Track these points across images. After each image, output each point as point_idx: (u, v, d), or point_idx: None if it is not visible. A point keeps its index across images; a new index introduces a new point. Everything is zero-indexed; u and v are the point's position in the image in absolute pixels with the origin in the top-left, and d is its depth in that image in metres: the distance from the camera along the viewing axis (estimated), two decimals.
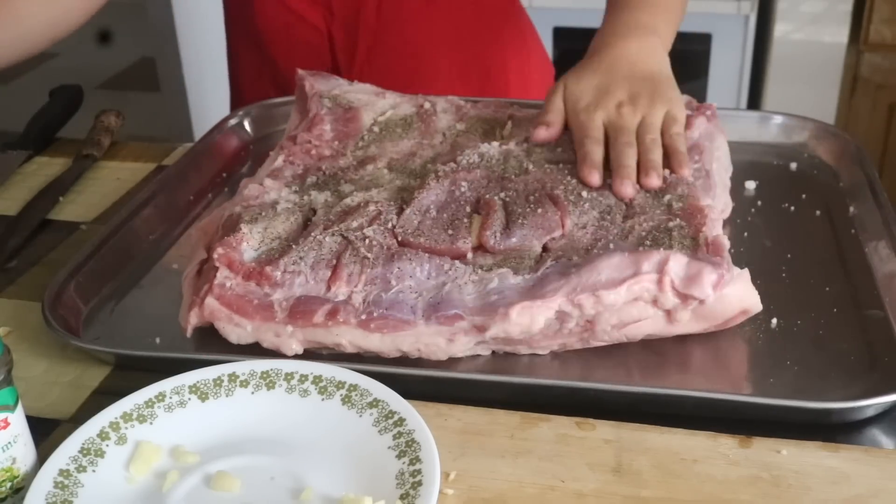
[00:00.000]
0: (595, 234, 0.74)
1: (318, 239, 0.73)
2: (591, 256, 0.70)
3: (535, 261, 0.72)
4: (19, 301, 0.80)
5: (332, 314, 0.69)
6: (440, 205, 0.78)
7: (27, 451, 0.58)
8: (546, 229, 0.75)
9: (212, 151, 1.02)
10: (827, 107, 2.21)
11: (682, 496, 0.58)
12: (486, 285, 0.69)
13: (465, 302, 0.69)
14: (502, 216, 0.76)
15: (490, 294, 0.69)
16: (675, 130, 0.84)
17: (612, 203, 0.77)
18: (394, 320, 0.68)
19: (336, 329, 0.69)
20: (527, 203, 0.77)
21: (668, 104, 0.86)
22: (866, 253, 0.81)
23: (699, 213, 0.74)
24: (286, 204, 0.79)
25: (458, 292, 0.69)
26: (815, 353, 0.70)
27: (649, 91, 0.86)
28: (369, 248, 0.72)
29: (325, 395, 0.62)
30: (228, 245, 0.73)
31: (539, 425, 0.63)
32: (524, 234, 0.74)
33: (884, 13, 2.12)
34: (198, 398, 0.63)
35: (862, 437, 0.63)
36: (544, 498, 0.58)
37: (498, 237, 0.74)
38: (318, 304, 0.69)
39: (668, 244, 0.70)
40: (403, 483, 0.55)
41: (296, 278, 0.71)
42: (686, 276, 0.67)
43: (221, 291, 0.71)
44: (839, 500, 0.57)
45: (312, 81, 0.98)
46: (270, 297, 0.70)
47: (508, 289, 0.69)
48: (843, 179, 0.93)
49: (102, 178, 1.03)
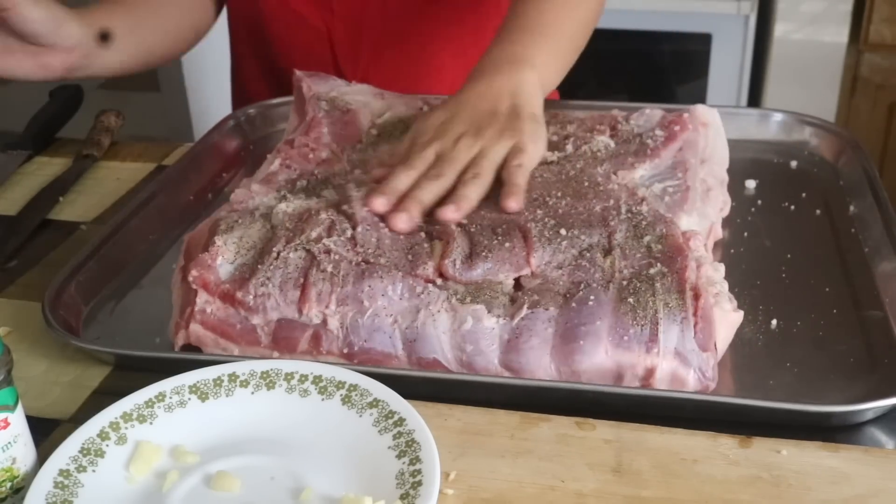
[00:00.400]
0: (572, 275, 0.70)
1: (282, 256, 0.71)
2: (571, 333, 0.66)
3: (508, 297, 0.69)
4: (19, 301, 0.80)
5: (316, 342, 0.68)
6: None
7: (27, 451, 0.58)
8: (513, 265, 0.71)
9: (212, 151, 1.02)
10: (827, 107, 2.21)
11: (682, 496, 0.58)
12: (461, 325, 0.67)
13: (442, 344, 0.67)
14: (464, 245, 0.72)
15: (466, 342, 0.67)
16: (516, 162, 0.78)
17: (593, 242, 0.72)
18: (376, 353, 0.68)
19: (321, 359, 0.68)
20: (493, 235, 0.73)
21: (516, 137, 0.80)
22: (866, 253, 0.81)
23: (680, 255, 0.70)
24: (264, 210, 0.78)
25: (433, 326, 0.67)
26: (815, 354, 0.70)
27: (498, 125, 0.81)
28: (336, 266, 0.70)
29: (325, 395, 0.62)
30: (203, 265, 0.71)
31: (539, 425, 0.63)
32: (488, 268, 0.70)
33: (884, 13, 2.12)
34: (198, 398, 0.63)
35: (862, 437, 0.63)
36: (544, 498, 0.58)
37: (458, 267, 0.70)
38: (300, 331, 0.69)
39: (653, 303, 0.66)
40: (403, 483, 0.55)
41: (266, 301, 0.69)
42: (671, 378, 0.65)
43: (203, 317, 0.70)
44: (839, 500, 0.57)
45: (310, 83, 0.98)
46: (251, 321, 0.70)
47: (483, 338, 0.66)
48: (844, 177, 0.93)
49: (102, 178, 1.03)
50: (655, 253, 0.71)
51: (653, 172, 0.83)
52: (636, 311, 0.66)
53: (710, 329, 0.65)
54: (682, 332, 0.65)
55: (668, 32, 2.23)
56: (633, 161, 0.83)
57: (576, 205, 0.77)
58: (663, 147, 0.84)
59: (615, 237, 0.73)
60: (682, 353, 0.65)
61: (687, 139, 0.86)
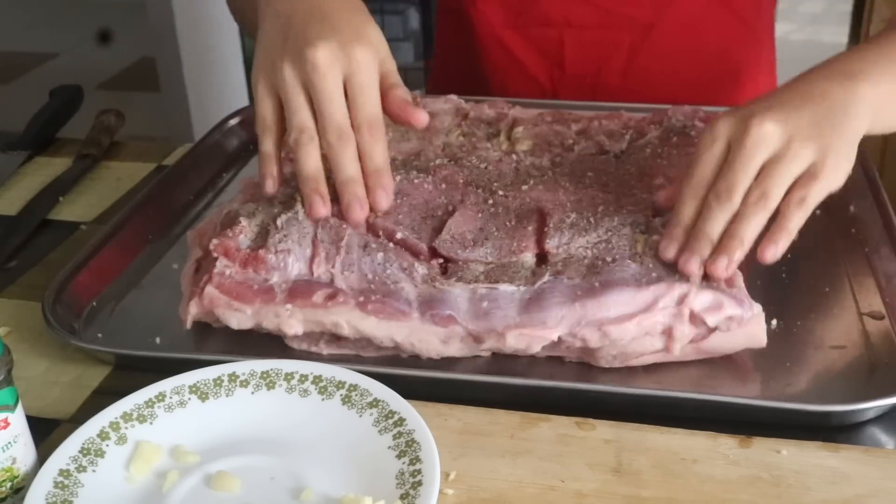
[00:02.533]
0: (596, 249, 0.71)
1: (293, 214, 0.74)
2: (596, 285, 0.66)
3: (530, 271, 0.70)
4: (19, 301, 0.80)
5: (331, 296, 0.69)
6: (421, 199, 0.78)
7: (27, 450, 0.58)
8: (516, 249, 0.72)
9: (212, 151, 1.02)
10: None
11: (682, 496, 0.58)
12: (476, 290, 0.68)
13: (458, 304, 0.68)
14: (471, 225, 0.74)
15: (482, 300, 0.67)
16: (799, 195, 0.66)
17: (626, 222, 0.73)
18: (391, 307, 0.68)
19: (335, 309, 0.69)
20: (506, 217, 0.75)
21: (819, 153, 0.66)
22: (866, 253, 0.81)
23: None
24: (282, 197, 0.79)
25: (449, 292, 0.68)
26: (815, 354, 0.70)
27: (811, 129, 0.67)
28: (339, 233, 0.72)
29: (325, 395, 0.62)
30: (225, 236, 0.73)
31: (539, 425, 0.63)
32: (487, 252, 0.72)
33: (884, 13, 2.12)
34: (198, 398, 0.63)
35: (862, 436, 0.63)
36: (544, 498, 0.58)
37: (453, 246, 0.72)
38: (318, 286, 0.70)
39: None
40: (403, 483, 0.55)
41: (287, 257, 0.71)
42: (706, 307, 0.65)
43: (221, 280, 0.71)
44: (839, 500, 0.57)
45: None
46: (269, 281, 0.71)
47: (502, 297, 0.67)
48: None
49: (102, 178, 1.03)
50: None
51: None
52: (668, 272, 0.67)
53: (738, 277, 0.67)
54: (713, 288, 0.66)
55: None
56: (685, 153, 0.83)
57: (619, 192, 0.78)
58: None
59: (655, 220, 0.74)
60: (715, 287, 0.66)
61: None
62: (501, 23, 1.07)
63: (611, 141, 0.87)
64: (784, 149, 0.66)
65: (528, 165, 0.84)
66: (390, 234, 0.74)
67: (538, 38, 1.06)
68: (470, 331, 0.67)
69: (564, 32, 1.04)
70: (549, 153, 0.87)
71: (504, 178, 0.82)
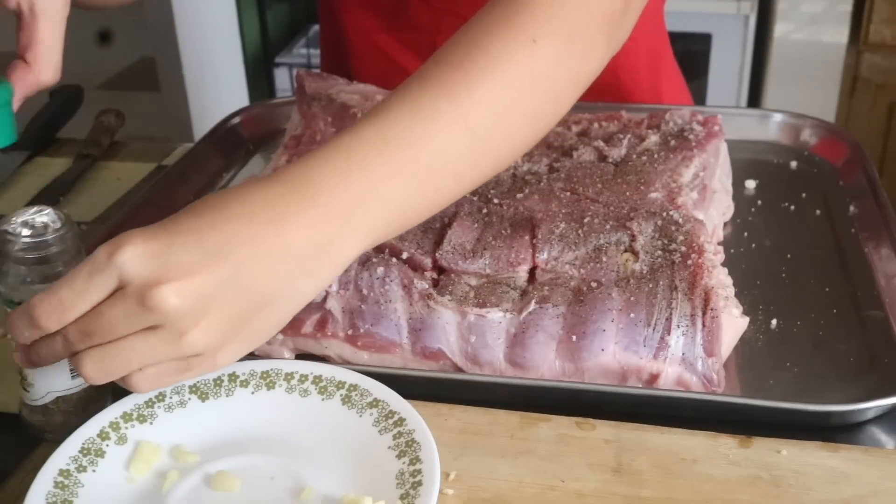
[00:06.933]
0: (585, 270, 0.71)
1: None
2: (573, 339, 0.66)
3: (519, 292, 0.70)
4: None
5: (321, 325, 0.69)
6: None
7: None
8: (513, 261, 0.72)
9: (212, 151, 1.02)
10: (827, 107, 2.21)
11: (682, 496, 0.58)
12: (466, 316, 0.67)
13: (448, 335, 0.68)
14: (468, 236, 0.74)
15: (471, 333, 0.67)
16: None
17: (613, 239, 0.73)
18: (380, 340, 0.68)
19: (325, 342, 0.69)
20: (501, 226, 0.75)
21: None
22: (866, 253, 0.81)
23: (698, 256, 0.70)
24: None
25: (439, 316, 0.68)
26: (815, 354, 0.70)
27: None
28: None
29: (325, 395, 0.62)
30: None
31: (539, 425, 0.63)
32: (486, 263, 0.72)
33: (884, 13, 2.12)
34: (198, 398, 0.63)
35: (862, 436, 0.63)
36: (544, 498, 0.58)
37: (454, 258, 0.72)
38: (307, 314, 0.69)
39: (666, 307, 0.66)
40: (403, 483, 0.55)
41: None
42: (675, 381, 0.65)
43: None
44: (839, 500, 0.57)
45: (311, 81, 0.99)
46: None
47: (490, 330, 0.67)
48: (844, 177, 0.93)
49: (102, 178, 1.03)
50: (673, 254, 0.71)
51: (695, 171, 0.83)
52: (648, 313, 0.66)
53: (717, 334, 0.65)
54: (691, 338, 0.65)
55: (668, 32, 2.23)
56: (683, 158, 0.83)
57: (610, 202, 0.78)
58: (706, 142, 0.85)
59: (639, 238, 0.73)
60: (688, 358, 0.65)
61: (712, 145, 0.86)
62: (375, 28, 1.09)
63: (609, 147, 0.86)
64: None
65: (525, 171, 0.84)
66: (396, 252, 0.73)
67: (412, 42, 1.08)
68: (460, 366, 0.68)
69: (437, 38, 1.05)
70: (547, 157, 0.86)
71: (501, 186, 0.82)
